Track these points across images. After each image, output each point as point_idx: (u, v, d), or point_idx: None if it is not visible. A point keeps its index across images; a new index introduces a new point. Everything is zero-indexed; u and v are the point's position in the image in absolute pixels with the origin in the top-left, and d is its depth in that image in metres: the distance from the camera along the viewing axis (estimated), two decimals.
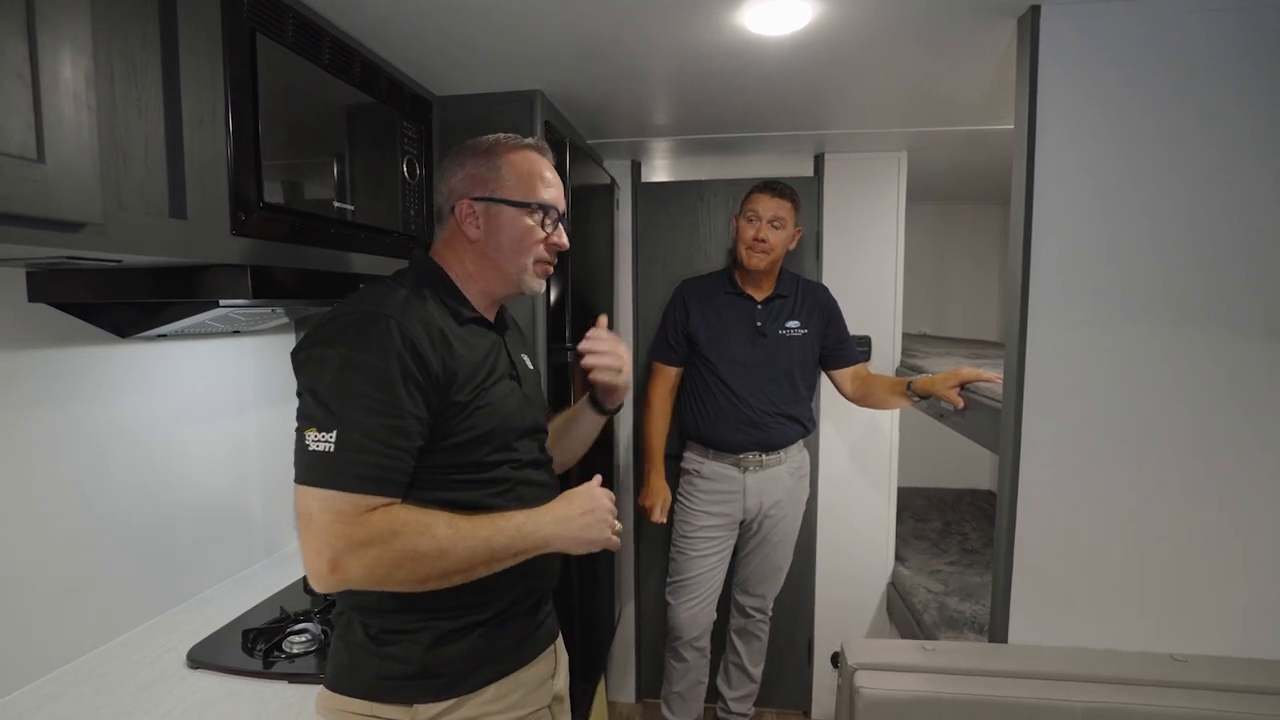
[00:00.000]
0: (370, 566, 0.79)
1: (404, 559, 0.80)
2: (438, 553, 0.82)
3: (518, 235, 0.99)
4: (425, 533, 0.81)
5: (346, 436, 0.80)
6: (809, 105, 1.78)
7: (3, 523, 1.02)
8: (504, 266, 0.99)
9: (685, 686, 2.09)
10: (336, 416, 0.81)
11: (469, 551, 0.84)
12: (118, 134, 0.80)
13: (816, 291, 2.02)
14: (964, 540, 2.48)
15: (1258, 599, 1.19)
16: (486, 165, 0.99)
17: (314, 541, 0.79)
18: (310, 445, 0.80)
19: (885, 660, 1.23)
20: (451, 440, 0.90)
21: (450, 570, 0.83)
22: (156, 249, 0.85)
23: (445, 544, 0.82)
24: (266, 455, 1.62)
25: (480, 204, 0.98)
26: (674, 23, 1.24)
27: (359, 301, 0.89)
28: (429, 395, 0.86)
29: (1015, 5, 1.17)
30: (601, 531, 0.94)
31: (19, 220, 0.68)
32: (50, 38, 0.68)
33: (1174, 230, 1.16)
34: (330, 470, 0.80)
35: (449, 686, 0.90)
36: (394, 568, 0.80)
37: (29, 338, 1.07)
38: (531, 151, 1.02)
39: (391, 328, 0.84)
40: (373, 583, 0.81)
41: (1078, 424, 1.21)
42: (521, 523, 0.89)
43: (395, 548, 0.79)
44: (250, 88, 0.99)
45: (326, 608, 1.32)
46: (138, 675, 1.10)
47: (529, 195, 0.99)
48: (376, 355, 0.83)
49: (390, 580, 0.81)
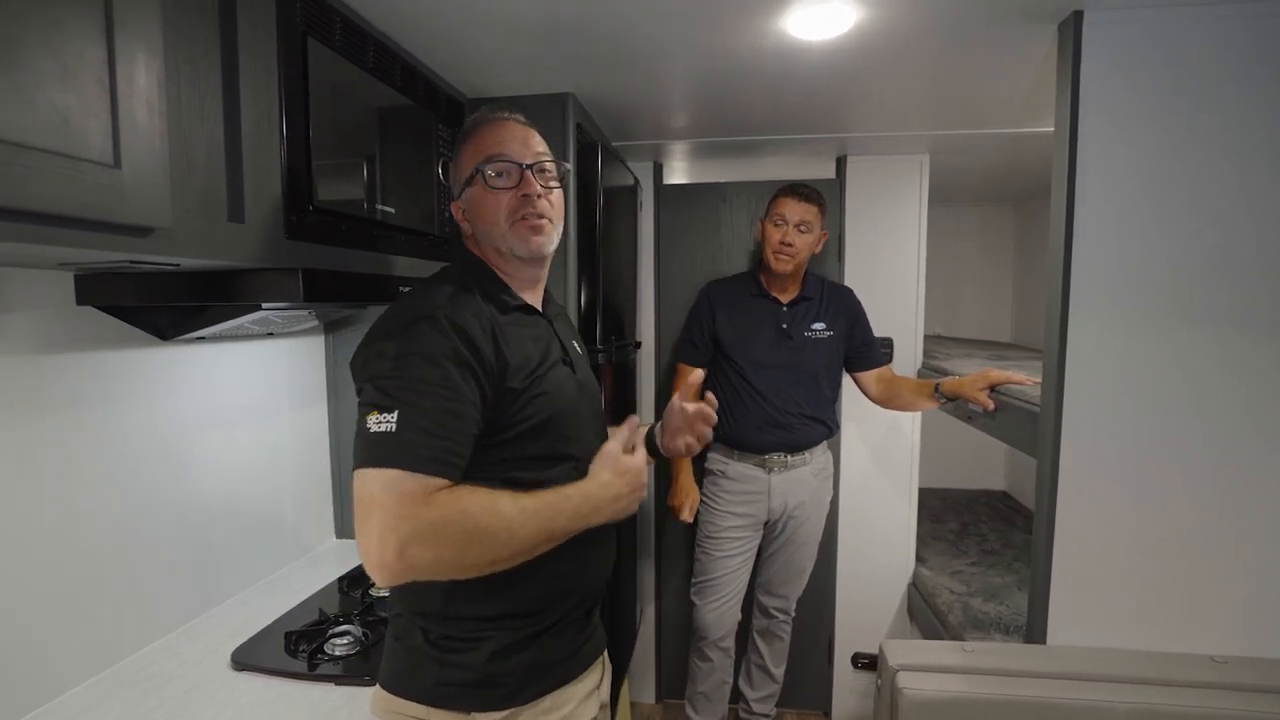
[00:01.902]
0: (440, 549, 0.75)
1: (474, 539, 0.76)
2: (506, 532, 0.79)
3: (480, 210, 0.96)
4: (493, 511, 0.78)
5: (408, 417, 0.78)
6: (836, 108, 1.78)
7: (46, 525, 1.02)
8: (493, 245, 0.97)
9: (710, 687, 2.09)
10: (397, 399, 0.79)
11: (535, 530, 0.81)
12: (184, 138, 0.80)
13: (842, 294, 2.03)
14: (983, 541, 2.49)
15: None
16: (454, 162, 1.00)
17: (378, 526, 0.74)
18: (372, 427, 0.78)
19: (926, 661, 1.24)
20: (512, 430, 0.89)
21: (518, 551, 0.81)
22: (218, 253, 0.85)
23: (513, 523, 0.79)
24: (298, 457, 1.62)
25: (461, 199, 0.99)
26: (719, 28, 1.24)
27: (408, 301, 0.89)
28: (483, 383, 0.85)
29: (1057, 10, 1.18)
30: (634, 503, 0.94)
31: (96, 225, 0.68)
32: (126, 42, 0.68)
33: (1219, 234, 1.16)
34: (394, 449, 0.76)
35: (508, 697, 0.90)
36: (464, 549, 0.76)
37: (76, 340, 1.07)
38: (480, 125, 0.98)
39: (441, 318, 0.84)
40: (441, 568, 0.77)
41: (1117, 427, 1.21)
42: (579, 505, 0.87)
43: (466, 528, 0.76)
44: (302, 91, 1.00)
45: (366, 609, 1.32)
46: (183, 678, 1.10)
47: (473, 164, 0.96)
48: (432, 343, 0.82)
49: (459, 565, 0.77)
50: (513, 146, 0.95)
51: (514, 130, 0.97)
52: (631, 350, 2.23)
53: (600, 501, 0.89)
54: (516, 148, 0.95)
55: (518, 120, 1.00)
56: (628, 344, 2.14)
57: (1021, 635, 1.74)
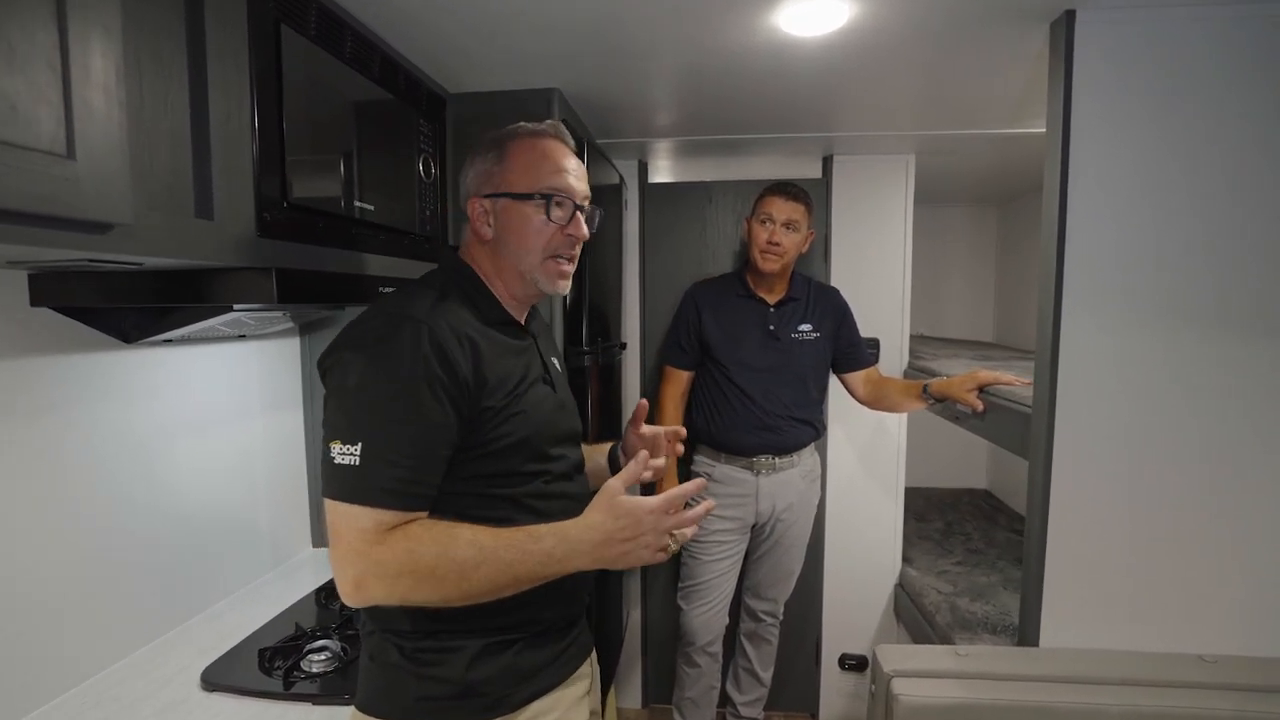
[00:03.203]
0: (392, 586, 0.77)
1: (424, 580, 0.77)
2: (457, 574, 0.78)
3: (522, 229, 0.93)
4: (444, 555, 0.77)
5: (371, 449, 0.78)
6: (824, 107, 1.76)
7: (5, 537, 0.96)
8: (517, 265, 0.95)
9: (698, 692, 2.07)
10: (362, 429, 0.78)
11: (493, 574, 0.79)
12: (146, 129, 0.75)
13: (829, 294, 2.01)
14: (967, 540, 2.50)
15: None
16: (493, 159, 0.95)
17: (339, 558, 0.78)
18: (336, 459, 0.78)
19: (920, 666, 1.22)
20: (484, 449, 0.87)
21: (473, 594, 0.79)
22: (185, 251, 0.80)
23: (466, 567, 0.78)
24: (272, 464, 1.56)
25: (489, 200, 0.95)
26: (709, 22, 1.22)
27: (386, 305, 0.86)
28: (459, 402, 0.83)
29: (1049, 9, 1.17)
30: (643, 557, 0.82)
31: (48, 221, 0.63)
32: (81, 25, 0.63)
33: (1210, 236, 1.16)
34: (354, 485, 0.78)
35: (491, 707, 0.87)
36: (414, 588, 0.78)
37: (31, 344, 1.01)
38: (541, 138, 0.96)
39: (421, 332, 0.81)
40: (395, 600, 0.79)
41: (1109, 427, 1.21)
42: (551, 548, 0.79)
43: (415, 569, 0.77)
44: (275, 82, 0.95)
45: (344, 623, 1.27)
46: (152, 699, 1.05)
47: (534, 185, 0.93)
48: (403, 361, 0.80)
49: (413, 599, 0.79)
50: (575, 183, 0.95)
51: (575, 163, 0.97)
52: (617, 352, 2.19)
53: (580, 545, 0.80)
54: (576, 183, 0.95)
55: (573, 148, 0.99)
56: (613, 345, 2.11)
57: (1008, 634, 1.74)
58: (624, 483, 0.84)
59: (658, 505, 0.81)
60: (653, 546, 0.81)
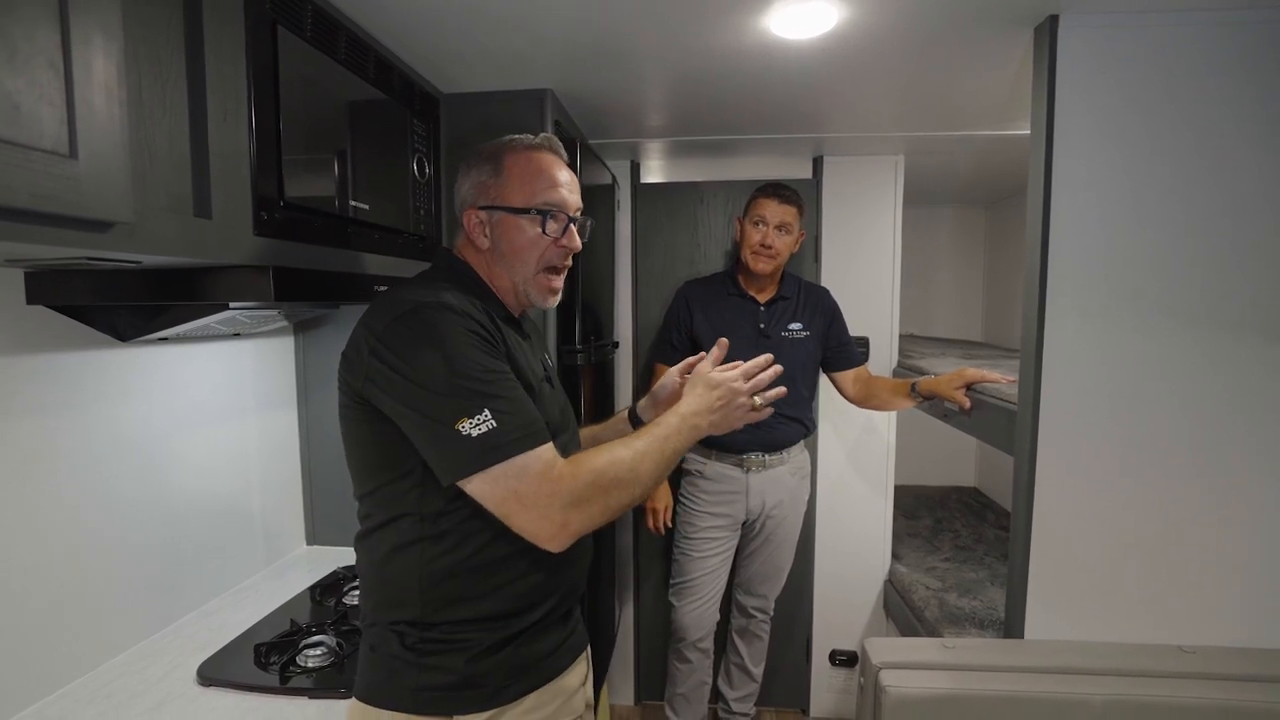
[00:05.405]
0: (590, 507, 0.83)
1: (612, 488, 0.84)
2: (632, 473, 0.85)
3: (519, 243, 0.96)
4: (616, 460, 0.85)
5: (497, 408, 0.81)
6: (814, 108, 1.79)
7: None
8: (510, 276, 0.98)
9: (689, 688, 2.08)
10: (478, 398, 0.81)
11: (654, 458, 0.88)
12: (146, 129, 0.76)
13: (818, 294, 2.04)
14: (956, 537, 2.53)
15: (1264, 592, 1.24)
16: (489, 171, 0.97)
17: (534, 511, 0.81)
18: (474, 434, 0.79)
19: (908, 659, 1.25)
20: None
21: (647, 483, 0.87)
22: (183, 249, 0.81)
23: (636, 463, 0.86)
24: (267, 462, 1.57)
25: (485, 212, 0.97)
26: (700, 24, 1.23)
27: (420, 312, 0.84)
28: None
29: (1033, 14, 1.19)
30: (740, 416, 0.98)
31: (50, 219, 0.64)
32: (82, 25, 0.64)
33: (1194, 236, 1.19)
34: (507, 442, 0.80)
35: (490, 697, 0.89)
36: (608, 499, 0.84)
37: (26, 342, 1.02)
38: (537, 151, 0.98)
39: (461, 318, 0.85)
40: (596, 522, 0.84)
41: (1093, 423, 1.24)
42: (678, 424, 0.92)
43: (602, 483, 0.83)
44: (272, 82, 0.96)
45: (340, 618, 1.28)
46: (146, 695, 1.05)
47: (530, 199, 0.96)
48: (466, 338, 0.84)
49: (608, 513, 0.85)
50: (569, 196, 0.98)
51: (568, 176, 1.00)
52: (610, 350, 2.21)
53: (697, 415, 0.94)
54: (569, 196, 0.98)
55: (566, 160, 1.02)
56: (606, 344, 2.12)
57: (995, 629, 1.77)
58: (711, 363, 1.02)
59: (739, 373, 0.99)
60: (744, 407, 0.98)
